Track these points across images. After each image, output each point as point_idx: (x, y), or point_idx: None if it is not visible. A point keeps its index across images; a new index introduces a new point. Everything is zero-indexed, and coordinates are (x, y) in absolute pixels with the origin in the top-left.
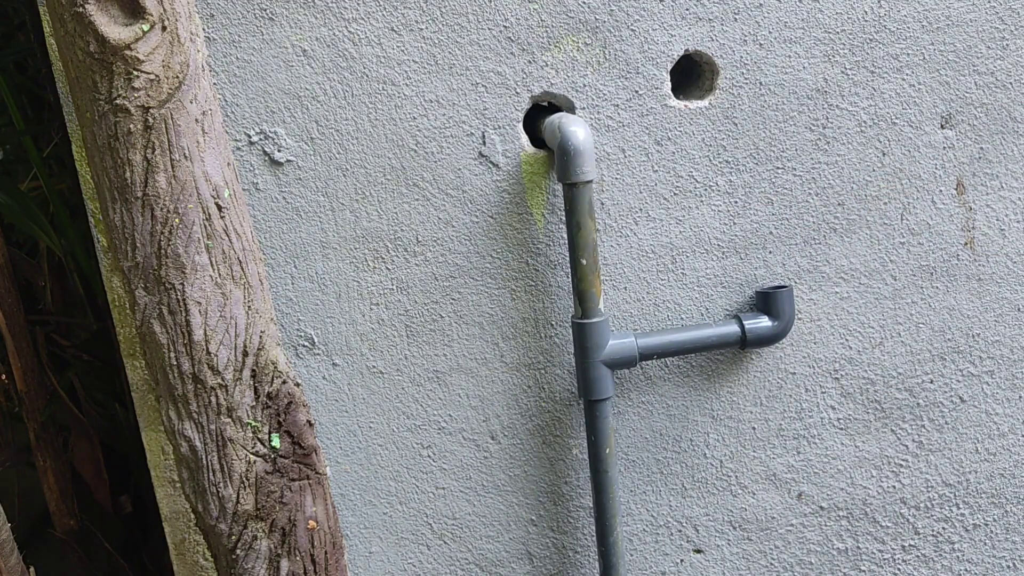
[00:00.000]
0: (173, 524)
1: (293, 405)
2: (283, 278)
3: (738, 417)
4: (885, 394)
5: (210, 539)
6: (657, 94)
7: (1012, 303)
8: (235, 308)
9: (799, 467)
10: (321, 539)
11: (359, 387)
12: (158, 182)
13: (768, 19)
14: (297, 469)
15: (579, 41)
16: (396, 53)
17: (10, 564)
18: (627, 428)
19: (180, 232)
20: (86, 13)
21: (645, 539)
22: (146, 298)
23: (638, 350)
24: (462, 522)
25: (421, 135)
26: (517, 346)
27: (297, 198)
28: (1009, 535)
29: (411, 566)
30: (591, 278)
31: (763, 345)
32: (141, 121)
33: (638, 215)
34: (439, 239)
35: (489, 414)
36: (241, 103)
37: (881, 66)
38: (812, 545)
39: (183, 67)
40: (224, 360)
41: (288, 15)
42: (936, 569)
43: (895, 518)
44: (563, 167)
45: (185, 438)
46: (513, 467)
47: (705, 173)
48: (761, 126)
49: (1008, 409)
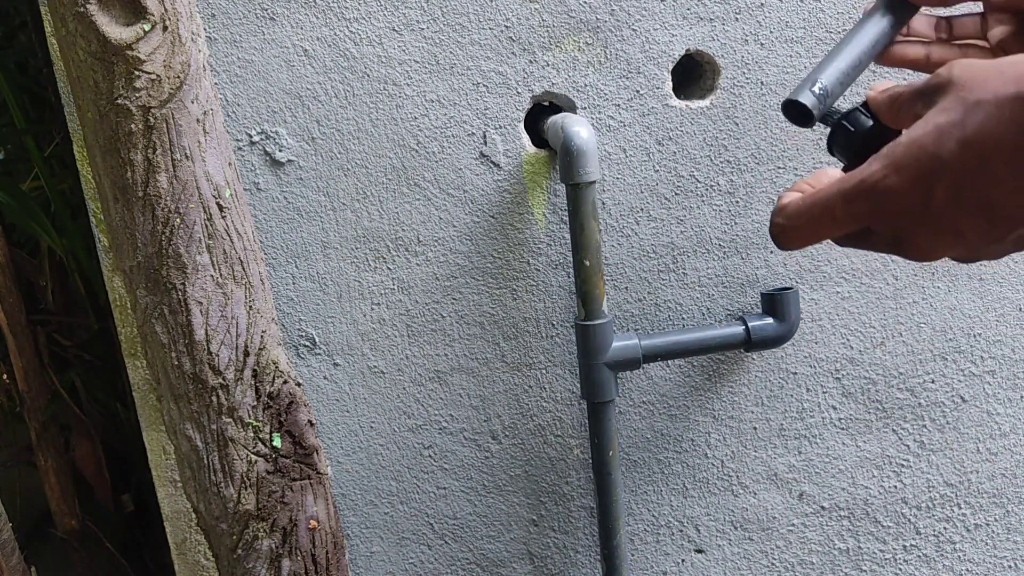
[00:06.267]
0: (174, 524)
1: (294, 405)
2: (284, 278)
3: (739, 417)
4: (886, 394)
5: (211, 539)
6: (658, 94)
7: (1014, 303)
8: (236, 308)
9: (800, 467)
10: (322, 539)
11: (360, 387)
12: (159, 182)
13: (769, 19)
14: (298, 469)
15: (580, 41)
16: (397, 53)
17: (11, 564)
18: (628, 428)
19: (181, 232)
20: (87, 13)
21: (646, 539)
22: (147, 298)
23: (641, 352)
24: (463, 522)
25: (422, 135)
26: (518, 346)
27: (298, 198)
28: (1011, 535)
29: (412, 566)
30: (594, 279)
31: (768, 347)
32: (142, 121)
33: (639, 215)
34: (440, 239)
35: (490, 414)
36: (242, 103)
37: (882, 65)
38: (813, 545)
39: (184, 67)
40: (225, 360)
41: (289, 15)
42: (937, 569)
43: (896, 518)
44: (566, 168)
45: (186, 438)
46: (514, 467)
47: (707, 173)
48: (763, 126)
49: (1010, 409)
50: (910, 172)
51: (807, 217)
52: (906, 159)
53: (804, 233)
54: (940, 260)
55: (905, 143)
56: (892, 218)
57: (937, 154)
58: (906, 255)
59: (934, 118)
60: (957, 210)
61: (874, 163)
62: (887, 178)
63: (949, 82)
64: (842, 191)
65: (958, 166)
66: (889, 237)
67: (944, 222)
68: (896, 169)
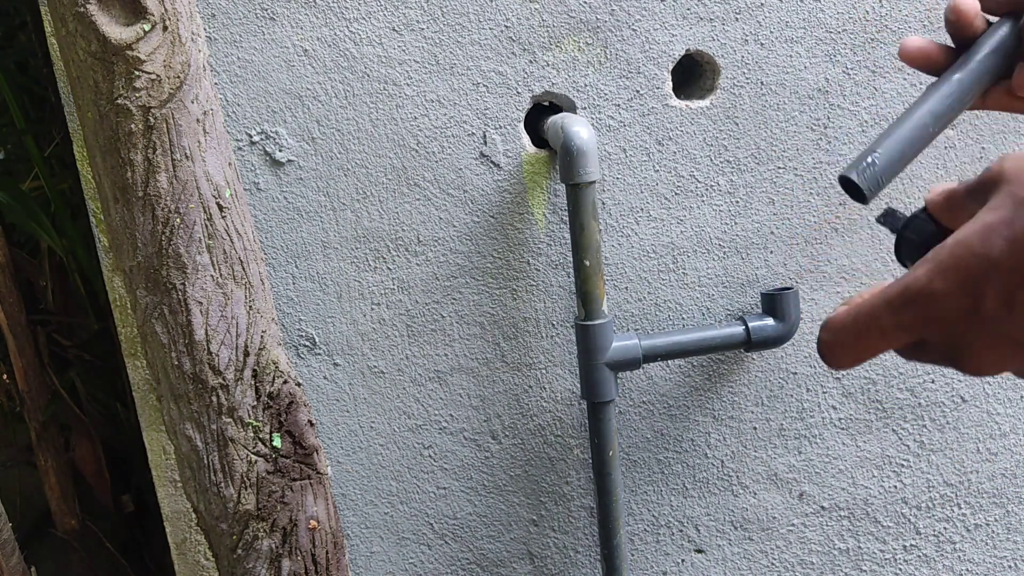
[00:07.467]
0: (174, 524)
1: (294, 405)
2: (284, 278)
3: (739, 417)
4: (886, 394)
5: (211, 539)
6: (658, 94)
7: None
8: (236, 308)
9: (800, 467)
10: (322, 539)
11: (360, 387)
12: (159, 182)
13: (769, 19)
14: (298, 469)
15: (580, 41)
16: (397, 53)
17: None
18: (628, 428)
19: (181, 232)
20: (87, 13)
21: (646, 539)
22: (147, 298)
23: (641, 352)
24: (463, 522)
25: (422, 135)
26: (518, 346)
27: (298, 198)
28: (1011, 535)
29: (412, 566)
30: (594, 279)
31: (768, 347)
32: (142, 121)
33: (639, 215)
34: (440, 239)
35: (490, 414)
36: (242, 103)
37: (883, 66)
38: (813, 545)
39: (184, 67)
40: (225, 360)
41: (289, 15)
42: (937, 569)
43: (896, 518)
44: (566, 168)
45: (186, 438)
46: (514, 467)
47: (706, 173)
48: (762, 126)
49: (1009, 409)
50: (957, 275)
51: (852, 331)
52: (952, 260)
53: (851, 349)
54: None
55: (951, 244)
56: (943, 327)
57: (985, 254)
58: (964, 369)
59: (983, 216)
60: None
61: (919, 267)
62: (933, 282)
63: (1000, 177)
64: (887, 299)
65: (1008, 267)
66: (944, 348)
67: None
68: (942, 272)
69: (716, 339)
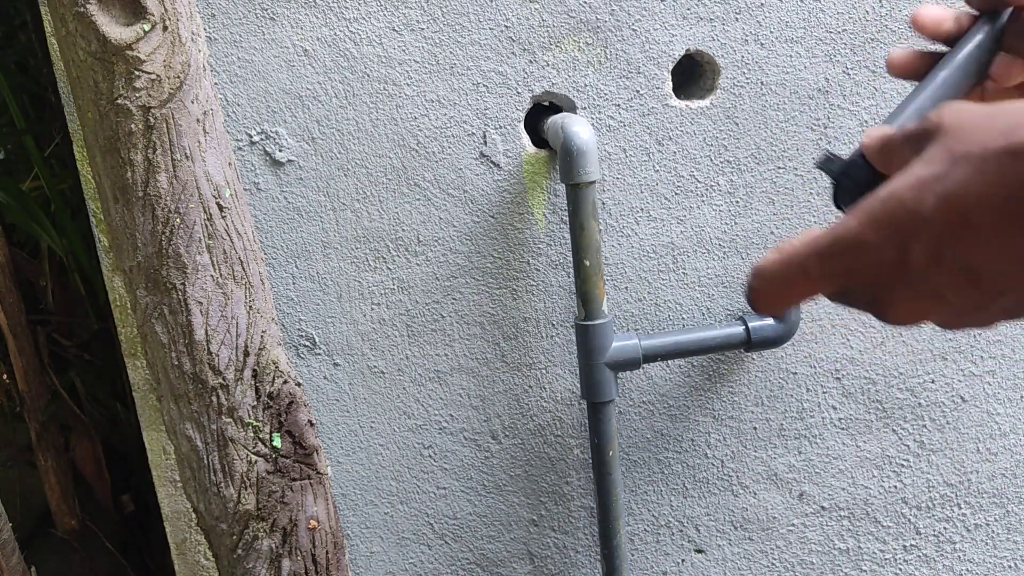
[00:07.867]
0: (174, 524)
1: (294, 405)
2: (284, 278)
3: (739, 417)
4: (886, 394)
5: (211, 539)
6: (658, 94)
7: None
8: (236, 308)
9: (800, 467)
10: (322, 539)
11: (360, 387)
12: (159, 182)
13: (769, 19)
14: (298, 469)
15: (580, 41)
16: (397, 53)
17: (11, 564)
18: (628, 428)
19: (181, 232)
20: (87, 13)
21: (646, 539)
22: (147, 298)
23: (642, 352)
24: (463, 522)
25: (422, 135)
26: (518, 346)
27: (298, 198)
28: (1011, 535)
29: (412, 566)
30: (594, 279)
31: (768, 347)
32: (142, 121)
33: (639, 215)
34: (440, 239)
35: (490, 414)
36: (242, 103)
37: (883, 66)
38: (813, 545)
39: (184, 67)
40: (225, 360)
41: (289, 15)
42: (937, 569)
43: (896, 518)
44: (566, 168)
45: (186, 438)
46: (514, 467)
47: (707, 173)
48: (763, 126)
49: (1009, 409)
50: (886, 228)
51: (781, 279)
52: (882, 213)
53: (778, 296)
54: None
55: (883, 196)
56: (868, 278)
57: (916, 209)
58: (883, 318)
59: (917, 170)
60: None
61: (850, 218)
62: (862, 234)
63: (938, 129)
64: (817, 248)
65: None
66: (868, 296)
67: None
68: (872, 224)
69: (716, 339)
